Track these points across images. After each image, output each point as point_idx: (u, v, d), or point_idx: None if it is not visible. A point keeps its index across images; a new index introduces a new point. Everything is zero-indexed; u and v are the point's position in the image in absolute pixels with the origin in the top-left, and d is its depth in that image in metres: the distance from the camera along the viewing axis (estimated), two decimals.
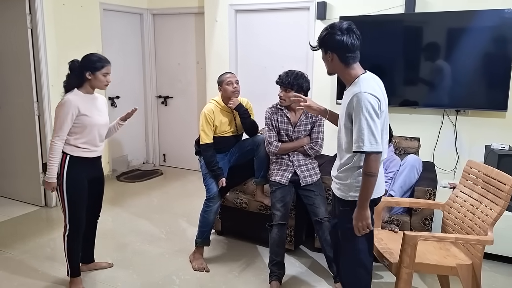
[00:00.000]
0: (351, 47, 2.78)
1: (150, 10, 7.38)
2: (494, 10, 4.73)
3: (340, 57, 2.80)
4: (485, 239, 2.98)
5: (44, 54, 5.45)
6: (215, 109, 4.24)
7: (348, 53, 2.79)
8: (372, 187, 2.72)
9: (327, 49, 2.81)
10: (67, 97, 3.51)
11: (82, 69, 3.52)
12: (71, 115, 3.47)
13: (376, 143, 2.65)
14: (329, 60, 2.84)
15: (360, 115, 2.65)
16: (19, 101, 5.69)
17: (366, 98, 2.66)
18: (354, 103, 2.69)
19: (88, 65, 3.53)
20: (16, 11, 5.42)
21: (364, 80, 2.79)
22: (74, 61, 3.60)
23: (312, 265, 4.28)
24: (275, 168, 4.12)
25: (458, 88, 5.06)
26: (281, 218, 3.90)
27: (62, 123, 3.46)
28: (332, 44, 2.77)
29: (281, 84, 3.95)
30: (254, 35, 6.36)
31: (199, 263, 4.18)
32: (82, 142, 3.57)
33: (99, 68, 3.53)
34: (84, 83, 3.57)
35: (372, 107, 2.67)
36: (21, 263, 4.31)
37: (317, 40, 2.87)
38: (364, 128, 2.64)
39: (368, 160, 2.68)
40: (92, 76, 3.53)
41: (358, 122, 2.66)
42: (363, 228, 2.77)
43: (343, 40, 2.75)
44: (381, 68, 5.43)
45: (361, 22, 5.35)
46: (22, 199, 5.93)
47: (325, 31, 2.80)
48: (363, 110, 2.65)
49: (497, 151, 4.46)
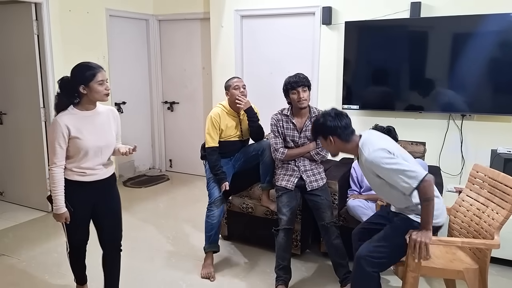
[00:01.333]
0: (345, 125, 3.11)
1: (156, 16, 7.42)
2: (500, 14, 4.72)
3: (341, 137, 3.10)
4: (491, 243, 2.97)
5: (50, 60, 5.48)
6: (221, 113, 4.26)
7: (345, 131, 3.10)
8: (433, 209, 2.88)
9: (328, 134, 3.12)
10: (56, 118, 3.09)
11: (74, 85, 3.09)
12: (62, 138, 3.06)
13: (416, 171, 2.85)
14: (331, 143, 3.14)
15: (386, 170, 2.92)
16: (25, 107, 5.72)
17: (376, 156, 2.93)
18: (373, 167, 2.97)
19: (79, 78, 3.09)
20: (22, 18, 5.45)
21: (364, 146, 3.04)
22: (64, 78, 3.15)
23: (318, 270, 4.28)
24: (281, 173, 4.12)
25: (464, 93, 5.05)
26: (287, 222, 3.90)
27: (54, 148, 3.08)
28: (329, 129, 3.10)
29: (301, 84, 3.92)
30: (260, 41, 6.38)
31: (207, 270, 4.15)
32: (76, 166, 3.18)
33: (91, 79, 3.07)
34: (81, 99, 3.14)
35: (386, 156, 2.92)
36: (28, 268, 4.32)
37: (314, 131, 3.28)
38: (398, 173, 2.87)
39: (422, 188, 2.83)
40: (87, 90, 3.08)
41: (391, 175, 2.91)
42: (419, 245, 2.87)
43: (337, 124, 3.08)
44: (386, 73, 5.44)
45: (366, 27, 5.38)
46: (29, 204, 5.95)
47: (318, 121, 3.18)
48: (384, 165, 2.90)
49: (503, 155, 4.45)
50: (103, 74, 3.15)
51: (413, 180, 2.83)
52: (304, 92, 3.92)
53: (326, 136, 3.11)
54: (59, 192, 3.15)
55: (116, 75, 6.78)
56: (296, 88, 3.91)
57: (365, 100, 5.56)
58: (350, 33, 5.46)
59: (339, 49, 5.62)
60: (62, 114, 3.10)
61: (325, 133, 3.11)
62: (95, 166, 3.25)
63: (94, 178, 3.27)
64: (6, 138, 6.02)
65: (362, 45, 5.50)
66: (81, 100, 3.14)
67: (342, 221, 4.29)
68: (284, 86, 4.00)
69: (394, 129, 4.32)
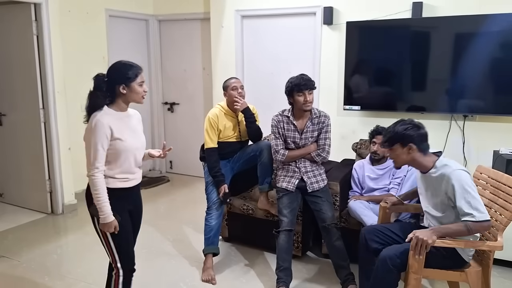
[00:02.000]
0: (426, 137, 3.14)
1: (155, 16, 7.40)
2: (502, 14, 4.69)
3: (419, 147, 3.09)
4: (494, 245, 2.96)
5: (49, 61, 5.45)
6: (219, 114, 4.24)
7: (425, 143, 3.12)
8: (459, 235, 2.96)
9: (408, 142, 3.07)
10: (97, 118, 2.81)
11: (112, 84, 2.89)
12: (105, 139, 2.82)
13: (484, 210, 2.90)
14: (408, 152, 3.10)
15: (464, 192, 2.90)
16: (25, 108, 5.70)
17: (462, 175, 2.96)
18: (454, 182, 2.94)
19: (120, 76, 2.89)
20: (22, 18, 5.44)
21: (449, 162, 3.09)
22: (99, 76, 2.91)
23: (319, 271, 4.26)
24: (281, 175, 4.10)
25: (466, 93, 5.02)
26: (288, 224, 3.88)
27: (96, 151, 2.80)
28: (413, 137, 3.07)
29: (309, 87, 3.87)
30: (260, 41, 6.35)
31: (207, 274, 4.12)
32: (119, 172, 2.96)
33: (133, 78, 2.90)
34: (116, 99, 2.93)
35: (470, 181, 2.96)
36: (28, 270, 4.30)
37: (391, 139, 3.14)
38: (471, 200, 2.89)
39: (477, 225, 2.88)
40: (127, 90, 2.89)
41: (463, 198, 2.91)
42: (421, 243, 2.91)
43: (424, 132, 3.12)
44: (388, 73, 5.42)
45: (367, 27, 5.36)
46: (29, 206, 5.94)
47: (403, 126, 3.11)
48: (465, 187, 2.91)
49: (506, 156, 4.42)
50: (143, 75, 2.98)
51: (477, 215, 2.85)
52: (310, 95, 3.89)
53: (405, 144, 3.08)
54: (105, 198, 2.84)
55: None
56: (303, 91, 3.86)
57: (366, 100, 5.53)
58: (351, 33, 5.44)
59: (341, 50, 5.60)
60: (100, 113, 2.85)
61: (405, 141, 3.07)
62: (135, 170, 3.11)
63: (134, 183, 3.13)
64: (5, 140, 6.00)
65: (364, 45, 5.47)
66: (116, 100, 2.94)
67: (343, 222, 4.26)
68: (289, 87, 3.93)
69: None
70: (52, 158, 5.64)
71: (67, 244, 4.94)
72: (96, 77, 2.91)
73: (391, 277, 3.07)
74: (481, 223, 2.85)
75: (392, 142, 3.11)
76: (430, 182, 3.14)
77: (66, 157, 5.76)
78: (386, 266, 3.05)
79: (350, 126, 5.71)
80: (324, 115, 4.03)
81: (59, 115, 5.59)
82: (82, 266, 4.36)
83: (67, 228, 5.41)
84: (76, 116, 6.07)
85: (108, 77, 2.91)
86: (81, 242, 4.94)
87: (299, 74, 3.93)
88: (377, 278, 3.15)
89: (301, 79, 3.87)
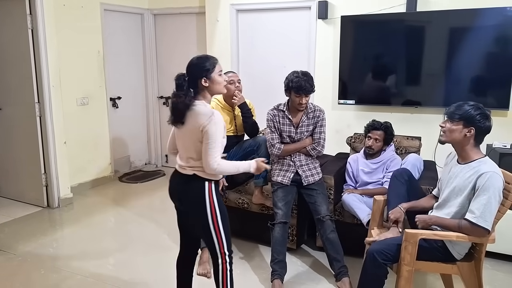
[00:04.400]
0: (488, 131, 3.02)
1: (151, 10, 7.39)
2: (496, 8, 4.71)
3: (477, 136, 2.99)
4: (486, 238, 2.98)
5: (45, 55, 5.44)
6: (215, 107, 4.26)
7: (484, 136, 3.03)
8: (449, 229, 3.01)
9: (472, 125, 2.97)
10: (215, 112, 2.87)
11: (194, 80, 2.91)
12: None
13: (490, 220, 2.87)
14: (465, 133, 2.99)
15: (487, 192, 2.85)
16: (20, 102, 5.70)
17: (496, 177, 2.88)
18: (484, 181, 2.86)
19: (200, 70, 2.91)
20: (16, 12, 5.42)
21: (491, 162, 2.99)
22: (180, 76, 2.93)
23: (314, 264, 4.28)
24: (276, 168, 4.12)
25: (460, 87, 5.05)
26: (282, 217, 3.90)
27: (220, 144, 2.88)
28: (480, 124, 2.96)
29: (306, 91, 3.85)
30: (256, 35, 6.36)
31: (203, 267, 4.12)
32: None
33: (212, 69, 2.92)
34: (202, 93, 2.96)
35: (500, 185, 2.89)
36: (24, 263, 4.31)
37: (462, 114, 3.00)
38: (485, 203, 2.85)
39: (474, 230, 2.89)
40: (209, 82, 2.91)
41: (482, 197, 2.86)
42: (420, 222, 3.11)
43: (490, 126, 3.00)
44: (383, 67, 5.44)
45: (362, 21, 5.38)
46: (25, 200, 5.94)
47: (477, 110, 2.97)
48: (491, 188, 2.85)
49: (499, 149, 4.45)
50: (220, 65, 3.01)
51: (481, 219, 2.85)
52: (306, 98, 3.89)
53: (469, 126, 2.97)
54: (238, 164, 3.06)
55: (111, 70, 6.77)
56: (301, 94, 3.86)
57: (361, 95, 5.56)
58: (346, 27, 5.46)
59: (335, 44, 5.62)
60: (202, 105, 2.90)
61: (470, 123, 2.96)
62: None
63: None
64: (0, 134, 6.00)
65: (358, 39, 5.49)
66: (201, 93, 2.95)
67: (338, 215, 4.29)
68: (289, 83, 3.90)
69: (391, 125, 4.33)
70: (47, 152, 5.64)
71: (63, 237, 4.95)
72: (178, 78, 2.92)
73: (381, 271, 3.10)
74: (477, 228, 2.86)
75: (459, 118, 3.00)
76: (461, 172, 3.05)
77: (62, 151, 5.76)
78: (375, 261, 3.07)
79: (344, 120, 5.73)
80: (319, 109, 4.05)
81: (55, 109, 5.58)
82: (78, 259, 4.38)
83: (62, 221, 5.42)
84: (72, 110, 6.11)
85: (188, 74, 2.93)
86: (77, 236, 4.95)
87: (302, 74, 3.86)
88: (366, 274, 3.18)
89: (303, 82, 3.82)
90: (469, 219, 2.88)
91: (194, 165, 2.94)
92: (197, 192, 2.96)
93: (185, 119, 2.89)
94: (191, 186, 2.98)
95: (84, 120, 6.41)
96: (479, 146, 3.04)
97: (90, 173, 6.66)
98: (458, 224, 2.95)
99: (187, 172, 2.97)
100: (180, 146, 3.05)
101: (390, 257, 3.08)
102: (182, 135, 2.98)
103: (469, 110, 2.97)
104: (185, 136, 2.95)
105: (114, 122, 6.98)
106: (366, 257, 3.18)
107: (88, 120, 6.47)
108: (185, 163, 2.98)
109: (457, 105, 3.05)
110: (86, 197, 6.24)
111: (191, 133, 2.89)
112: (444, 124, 3.09)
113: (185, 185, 3.00)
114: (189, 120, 2.88)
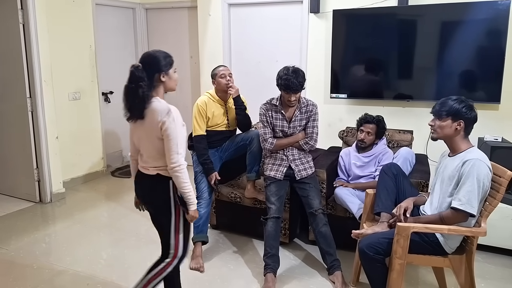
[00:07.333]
0: (475, 120, 3.10)
1: (142, 5, 7.36)
2: (488, 2, 4.73)
3: (466, 127, 3.08)
4: (478, 231, 2.99)
5: (36, 50, 5.41)
6: (207, 101, 4.25)
7: (472, 126, 3.11)
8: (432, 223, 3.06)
9: (460, 118, 3.05)
10: (172, 108, 2.76)
11: (151, 73, 2.81)
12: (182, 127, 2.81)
13: (476, 207, 2.93)
14: (456, 127, 3.07)
15: (472, 179, 2.92)
16: (12, 97, 5.67)
17: (482, 166, 2.94)
18: (470, 168, 2.94)
19: (160, 64, 2.85)
20: (7, 7, 5.39)
21: (480, 152, 3.05)
22: (138, 67, 2.82)
23: (306, 258, 4.30)
24: (269, 163, 4.13)
25: (452, 81, 5.07)
26: (276, 211, 3.91)
27: (181, 140, 2.78)
28: (467, 116, 3.05)
29: (294, 90, 3.81)
30: (248, 29, 6.35)
31: (196, 262, 4.12)
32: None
33: (169, 65, 2.89)
34: (157, 89, 2.86)
35: (487, 174, 2.96)
36: (16, 258, 4.30)
37: (448, 110, 3.09)
38: (471, 190, 2.92)
39: (457, 216, 2.98)
40: (166, 77, 2.86)
41: (467, 185, 2.93)
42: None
43: (476, 115, 3.08)
44: (375, 61, 5.45)
45: (354, 15, 5.38)
46: (17, 195, 5.93)
47: (462, 103, 3.07)
48: (477, 176, 2.92)
49: (490, 143, 4.47)
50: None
51: (468, 206, 2.91)
52: (295, 95, 3.88)
53: (457, 119, 3.04)
54: (190, 187, 2.83)
55: (103, 65, 6.74)
56: (289, 92, 3.85)
57: (353, 88, 5.57)
58: (338, 21, 5.46)
59: (327, 38, 5.62)
60: (159, 102, 2.79)
61: (458, 117, 3.04)
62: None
63: None
64: None
65: (350, 33, 5.49)
66: (156, 89, 2.85)
67: (330, 209, 4.30)
68: (278, 80, 3.86)
69: (383, 119, 4.34)
70: (39, 147, 5.62)
71: (56, 232, 4.94)
72: (135, 68, 2.81)
73: (377, 262, 3.13)
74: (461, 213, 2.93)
75: (446, 114, 3.08)
76: (449, 163, 3.15)
77: (54, 145, 5.74)
78: (366, 255, 3.12)
79: (337, 114, 5.74)
80: (312, 103, 4.06)
81: (46, 104, 5.56)
82: (71, 254, 4.37)
83: (55, 216, 5.41)
84: (63, 105, 6.08)
85: (146, 66, 2.82)
86: (70, 231, 4.94)
87: (292, 72, 3.80)
88: (366, 271, 3.23)
89: (291, 80, 3.77)
90: (456, 206, 2.94)
91: (156, 164, 2.84)
92: (161, 192, 2.87)
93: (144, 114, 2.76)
94: (155, 187, 2.90)
95: (76, 115, 6.39)
96: (468, 137, 3.12)
97: (83, 167, 6.65)
98: (439, 216, 3.04)
99: (150, 172, 2.88)
100: (140, 146, 2.94)
101: (381, 251, 3.10)
102: (140, 132, 2.87)
103: (454, 104, 3.07)
104: (143, 134, 2.85)
105: (106, 117, 6.95)
106: (358, 254, 3.21)
107: (80, 115, 6.45)
108: (146, 163, 2.90)
109: (441, 102, 3.14)
110: (78, 192, 6.23)
111: (149, 130, 2.78)
112: (433, 123, 3.17)
113: (149, 186, 2.93)
114: (147, 116, 2.77)
